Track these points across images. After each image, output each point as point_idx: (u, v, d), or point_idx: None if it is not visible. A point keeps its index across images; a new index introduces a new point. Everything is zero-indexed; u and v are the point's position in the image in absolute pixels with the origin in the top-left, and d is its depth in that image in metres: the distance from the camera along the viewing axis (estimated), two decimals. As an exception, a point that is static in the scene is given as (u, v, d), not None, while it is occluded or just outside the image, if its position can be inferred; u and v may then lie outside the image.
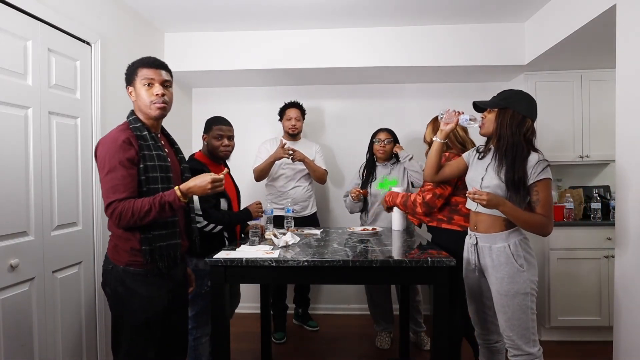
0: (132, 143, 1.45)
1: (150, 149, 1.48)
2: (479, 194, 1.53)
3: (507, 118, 1.63)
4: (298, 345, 2.92)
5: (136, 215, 1.40)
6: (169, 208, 1.44)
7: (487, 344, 1.82)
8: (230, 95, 3.59)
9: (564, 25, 2.41)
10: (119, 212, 1.39)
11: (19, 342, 1.70)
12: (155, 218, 1.43)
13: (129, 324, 1.48)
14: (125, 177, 1.41)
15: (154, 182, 1.47)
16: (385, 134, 2.78)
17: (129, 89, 1.55)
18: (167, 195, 1.44)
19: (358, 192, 2.67)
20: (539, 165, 1.56)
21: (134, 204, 1.40)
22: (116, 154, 1.41)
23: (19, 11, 1.73)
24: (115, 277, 1.48)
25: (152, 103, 1.50)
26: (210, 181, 1.47)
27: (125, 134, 1.45)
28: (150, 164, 1.46)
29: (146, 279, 1.49)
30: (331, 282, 2.64)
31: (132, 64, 1.54)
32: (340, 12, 2.74)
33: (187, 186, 1.47)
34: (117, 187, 1.40)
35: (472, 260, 1.74)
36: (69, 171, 2.03)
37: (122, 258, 1.48)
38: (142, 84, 1.50)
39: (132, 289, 1.47)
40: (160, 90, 1.51)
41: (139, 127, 1.50)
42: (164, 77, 1.54)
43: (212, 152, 2.18)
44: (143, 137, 1.48)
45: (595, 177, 3.41)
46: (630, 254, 1.81)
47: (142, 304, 1.48)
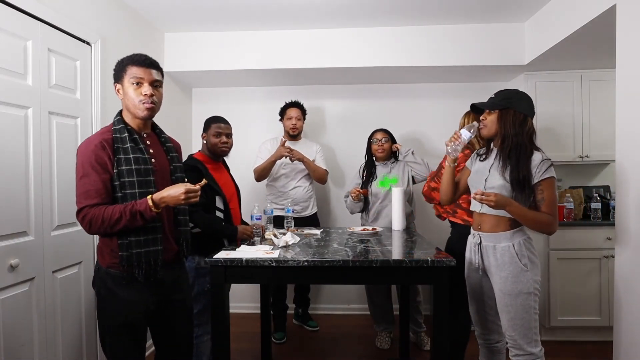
0: (106, 147, 1.40)
1: (127, 152, 1.42)
2: (486, 195, 1.52)
3: (509, 118, 1.63)
4: (298, 345, 2.92)
5: (106, 223, 1.36)
6: (140, 217, 1.38)
7: (487, 344, 1.82)
8: (230, 95, 3.59)
9: (564, 25, 2.41)
10: (89, 219, 1.36)
11: (19, 342, 1.70)
12: (126, 226, 1.38)
13: (109, 325, 1.45)
14: (96, 182, 1.37)
15: (131, 186, 1.41)
16: (381, 133, 2.80)
17: (116, 86, 1.49)
18: (139, 204, 1.38)
19: (358, 192, 2.67)
20: (543, 164, 1.57)
21: (104, 211, 1.36)
22: (88, 159, 1.38)
23: (19, 11, 1.73)
24: (99, 278, 1.47)
25: (140, 103, 1.44)
26: (183, 192, 1.39)
27: (100, 138, 1.41)
28: (125, 168, 1.41)
29: (126, 282, 1.44)
30: (331, 282, 2.64)
31: (122, 60, 1.48)
32: (340, 12, 2.74)
33: (160, 196, 1.40)
34: (88, 193, 1.37)
35: (474, 260, 1.74)
36: (69, 171, 2.02)
37: (105, 260, 1.45)
38: (131, 82, 1.44)
39: (112, 291, 1.44)
40: (149, 91, 1.45)
41: (119, 128, 1.45)
42: (154, 76, 1.47)
43: (211, 149, 2.20)
44: (121, 140, 1.43)
45: (595, 177, 3.41)
46: (631, 254, 1.81)
47: (121, 306, 1.44)
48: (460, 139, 1.70)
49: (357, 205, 2.80)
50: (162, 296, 1.53)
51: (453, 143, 1.72)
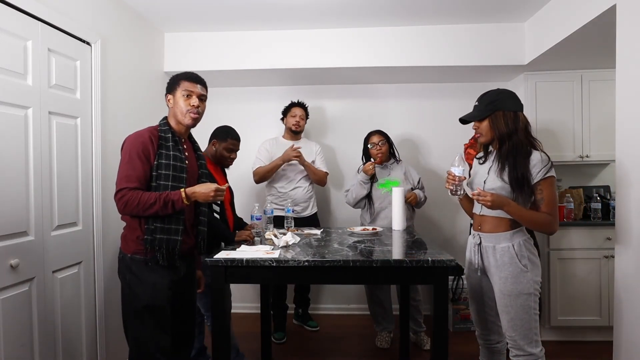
0: (153, 141, 1.60)
1: (169, 149, 1.62)
2: (482, 195, 1.52)
3: (500, 120, 1.63)
4: (298, 345, 2.92)
5: (140, 206, 1.53)
6: (171, 206, 1.56)
7: (487, 344, 1.82)
8: (230, 95, 3.59)
9: (564, 25, 2.41)
10: (126, 199, 1.52)
11: (19, 342, 1.70)
12: (157, 212, 1.55)
13: (134, 309, 1.60)
14: (139, 170, 1.56)
15: (165, 179, 1.59)
16: (377, 136, 2.78)
17: (167, 97, 1.72)
18: (173, 195, 1.56)
19: (373, 164, 2.65)
20: (542, 164, 1.57)
21: (141, 195, 1.53)
22: (136, 148, 1.57)
23: (19, 11, 1.73)
24: (124, 264, 1.63)
25: (187, 112, 1.67)
26: (214, 189, 1.60)
27: (149, 132, 1.62)
28: (164, 162, 1.59)
29: (150, 267, 1.60)
30: (331, 282, 2.65)
31: (176, 76, 1.71)
32: (340, 11, 2.74)
33: (192, 190, 1.60)
34: (130, 177, 1.55)
35: (474, 260, 1.74)
36: (69, 171, 2.02)
37: (129, 247, 1.61)
38: (182, 94, 1.67)
39: (137, 275, 1.60)
40: (197, 102, 1.68)
41: (165, 129, 1.66)
42: (201, 91, 1.72)
43: (219, 159, 2.32)
44: (165, 138, 1.63)
45: (595, 177, 3.41)
46: (631, 254, 1.81)
47: (145, 289, 1.59)
48: (456, 177, 1.67)
49: (366, 186, 2.71)
50: (177, 284, 1.68)
51: (452, 184, 1.68)
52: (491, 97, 1.65)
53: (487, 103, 1.65)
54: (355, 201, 2.79)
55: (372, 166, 2.64)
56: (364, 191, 2.74)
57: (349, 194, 2.82)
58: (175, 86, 1.70)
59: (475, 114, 1.69)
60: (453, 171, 1.67)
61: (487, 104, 1.65)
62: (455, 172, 1.67)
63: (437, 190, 3.29)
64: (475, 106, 1.71)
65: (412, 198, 2.67)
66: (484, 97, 1.68)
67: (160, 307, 1.60)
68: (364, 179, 2.70)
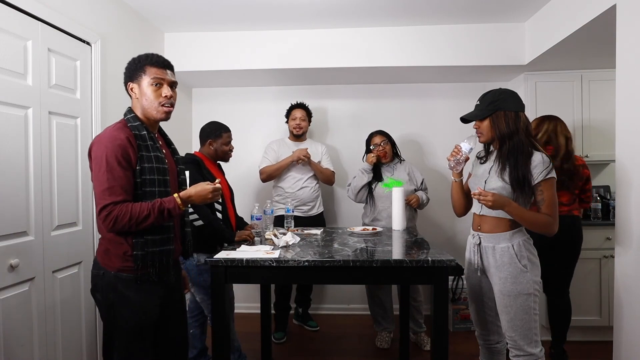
0: (131, 143, 1.38)
1: (149, 150, 1.42)
2: (484, 195, 1.52)
3: (501, 120, 1.62)
4: (298, 345, 2.92)
5: (133, 220, 1.34)
6: (167, 215, 1.39)
7: (487, 345, 1.82)
8: (230, 95, 3.59)
9: (564, 25, 2.41)
10: (114, 216, 1.32)
11: (19, 342, 1.70)
12: (152, 224, 1.38)
13: (121, 331, 1.42)
14: (122, 179, 1.35)
15: (151, 184, 1.41)
16: (379, 137, 2.79)
17: (129, 85, 1.47)
18: (167, 202, 1.39)
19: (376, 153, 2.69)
20: (544, 165, 1.57)
21: (131, 208, 1.34)
22: (114, 153, 1.34)
23: (19, 11, 1.73)
24: (106, 283, 1.42)
25: (160, 105, 1.45)
26: (211, 190, 1.47)
27: (124, 133, 1.39)
28: (147, 165, 1.40)
29: (138, 285, 1.42)
30: (331, 282, 2.65)
31: (138, 59, 1.46)
32: (341, 11, 2.74)
33: (187, 194, 1.44)
34: (113, 189, 1.33)
35: (474, 260, 1.74)
36: (69, 171, 2.02)
37: (113, 263, 1.41)
38: (150, 83, 1.44)
39: (124, 295, 1.41)
40: (169, 92, 1.46)
41: (137, 126, 1.43)
42: (172, 78, 1.49)
43: (220, 156, 2.33)
44: (142, 137, 1.42)
45: (595, 177, 3.41)
46: (631, 254, 1.81)
47: (134, 310, 1.42)
48: (461, 152, 1.70)
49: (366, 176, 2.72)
50: (167, 297, 1.53)
51: (454, 157, 1.71)
52: (493, 97, 1.65)
53: (488, 103, 1.65)
54: (356, 190, 2.77)
55: (374, 155, 2.69)
56: (364, 179, 2.73)
57: (350, 187, 2.82)
58: (140, 73, 1.44)
59: (476, 113, 1.69)
60: (461, 146, 1.70)
61: (489, 103, 1.65)
62: (463, 147, 1.70)
63: (439, 191, 3.30)
64: (476, 105, 1.71)
65: (414, 201, 2.66)
66: (485, 97, 1.68)
67: (148, 327, 1.46)
68: (366, 167, 2.73)
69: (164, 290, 1.50)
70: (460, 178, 1.80)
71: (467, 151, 1.71)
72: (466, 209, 1.87)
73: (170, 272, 1.50)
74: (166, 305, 1.54)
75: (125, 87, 1.49)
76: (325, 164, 3.06)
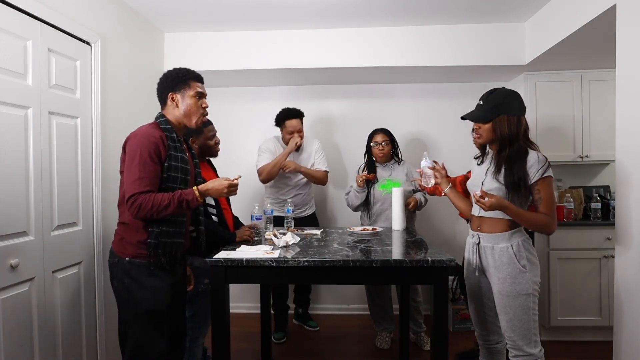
0: (164, 141, 1.56)
1: (177, 151, 1.60)
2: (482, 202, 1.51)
3: (504, 125, 1.60)
4: (298, 345, 2.92)
5: (155, 208, 1.48)
6: (186, 206, 1.53)
7: (487, 345, 1.82)
8: (230, 95, 3.59)
9: (564, 25, 2.41)
10: (139, 203, 1.47)
11: (19, 342, 1.70)
12: (171, 213, 1.52)
13: (134, 314, 1.56)
14: (152, 172, 1.51)
15: (174, 181, 1.57)
16: (381, 135, 2.77)
17: (172, 95, 1.65)
18: (186, 194, 1.53)
19: (364, 177, 2.64)
20: (539, 164, 1.56)
21: (154, 197, 1.49)
22: (148, 148, 1.50)
23: (19, 11, 1.73)
24: (121, 269, 1.57)
25: (200, 114, 1.67)
26: (227, 185, 1.59)
27: (159, 132, 1.57)
28: (174, 164, 1.57)
29: (150, 271, 1.57)
30: (331, 282, 2.64)
31: (183, 74, 1.66)
32: (341, 11, 2.74)
33: (205, 187, 1.58)
34: (142, 180, 1.49)
35: (473, 260, 1.74)
36: (69, 171, 2.02)
37: (127, 251, 1.57)
38: (194, 95, 1.65)
39: (137, 280, 1.56)
40: (206, 104, 1.69)
41: (169, 128, 1.61)
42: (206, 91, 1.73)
43: (206, 152, 2.24)
44: (172, 139, 1.60)
45: (595, 177, 3.41)
46: (631, 254, 1.81)
47: (147, 294, 1.56)
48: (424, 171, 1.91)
49: (360, 195, 2.71)
50: (175, 288, 1.66)
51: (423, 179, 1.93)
52: (497, 99, 1.62)
53: (492, 105, 1.62)
54: (353, 207, 2.81)
55: (362, 179, 2.64)
56: (358, 200, 2.74)
57: (348, 197, 2.81)
58: (184, 86, 1.65)
59: (479, 115, 1.66)
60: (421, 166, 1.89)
61: (493, 106, 1.62)
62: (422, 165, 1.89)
63: (437, 190, 3.30)
64: (479, 105, 1.68)
65: (412, 204, 2.65)
66: (489, 98, 1.64)
67: (160, 311, 1.59)
68: (357, 189, 2.71)
69: (173, 279, 1.64)
70: (446, 188, 1.88)
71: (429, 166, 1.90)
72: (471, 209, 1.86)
73: (178, 263, 1.64)
74: (175, 295, 1.66)
75: (164, 95, 1.67)
76: (319, 163, 2.96)
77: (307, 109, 3.12)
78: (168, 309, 1.62)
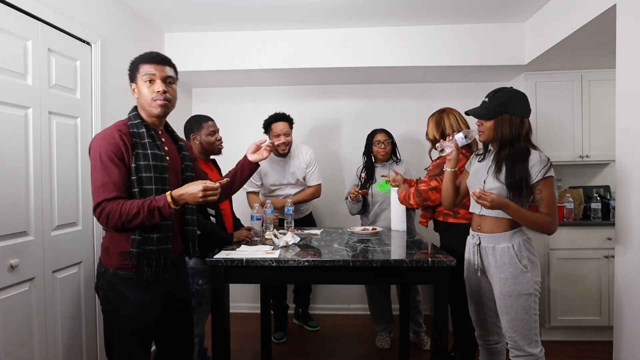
0: (125, 140, 1.38)
1: (145, 148, 1.41)
2: (483, 198, 1.51)
3: (506, 125, 1.61)
4: (298, 345, 2.92)
5: (123, 218, 1.33)
6: (158, 214, 1.34)
7: (487, 345, 1.82)
8: (230, 95, 3.59)
9: (564, 25, 2.41)
10: (106, 213, 1.33)
11: (19, 342, 1.70)
12: (143, 223, 1.35)
13: (119, 329, 1.42)
14: (115, 176, 1.35)
15: (147, 182, 1.39)
16: (383, 134, 2.78)
17: (132, 85, 1.49)
18: (158, 200, 1.35)
19: (356, 192, 2.66)
20: (541, 164, 1.56)
21: (122, 205, 1.33)
22: (106, 151, 1.35)
23: (19, 11, 1.73)
24: (106, 280, 1.43)
25: (152, 100, 1.44)
26: (201, 189, 1.35)
27: (119, 131, 1.40)
28: (143, 163, 1.39)
29: (136, 284, 1.42)
30: (331, 282, 2.64)
31: (134, 59, 1.49)
32: (340, 12, 2.74)
33: (179, 192, 1.36)
34: (106, 186, 1.34)
35: (473, 260, 1.73)
36: (69, 171, 2.02)
37: (112, 261, 1.42)
38: (144, 80, 1.44)
39: (122, 293, 1.41)
40: (161, 87, 1.44)
41: (137, 123, 1.44)
42: (167, 72, 1.47)
43: (207, 149, 2.19)
44: (139, 135, 1.42)
45: (595, 177, 3.41)
46: (631, 254, 1.81)
47: (132, 309, 1.41)
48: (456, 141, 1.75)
49: (356, 206, 2.78)
50: (168, 296, 1.52)
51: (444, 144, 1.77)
52: (502, 99, 1.62)
53: (496, 104, 1.62)
54: (352, 214, 2.87)
55: (354, 195, 2.66)
56: (355, 209, 2.81)
57: (347, 201, 2.82)
58: (135, 72, 1.46)
59: (482, 112, 1.66)
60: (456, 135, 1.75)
61: (497, 105, 1.62)
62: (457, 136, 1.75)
63: (437, 190, 3.29)
64: (483, 102, 1.68)
65: None
66: (495, 96, 1.64)
67: (148, 327, 1.45)
68: (352, 201, 2.74)
69: (164, 289, 1.49)
70: (454, 168, 1.80)
71: (462, 142, 1.74)
72: (454, 201, 1.87)
73: (166, 272, 1.47)
74: (169, 305, 1.53)
75: (130, 88, 1.51)
76: (311, 178, 2.89)
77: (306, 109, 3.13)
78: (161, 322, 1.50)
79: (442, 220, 2.21)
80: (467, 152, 2.11)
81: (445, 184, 1.85)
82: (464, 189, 1.87)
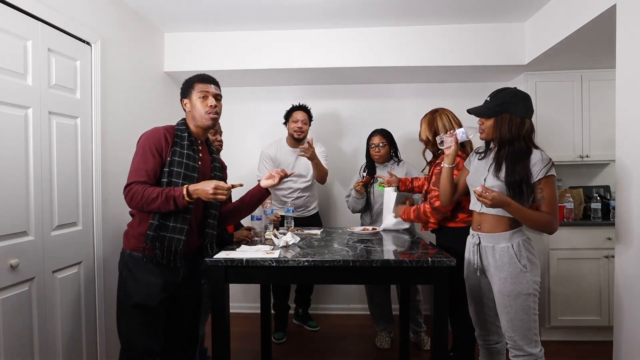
0: (167, 138, 1.61)
1: (183, 148, 1.62)
2: (484, 196, 1.51)
3: (505, 124, 1.61)
4: (298, 345, 2.92)
5: (143, 200, 1.51)
6: (173, 202, 1.51)
7: (487, 345, 1.82)
8: (230, 95, 3.57)
9: (564, 25, 2.41)
10: (132, 193, 1.52)
11: (19, 342, 1.70)
12: (159, 208, 1.52)
13: (123, 307, 1.61)
14: (150, 164, 1.56)
15: (177, 176, 1.58)
16: (378, 137, 2.77)
17: (184, 101, 1.72)
18: (175, 190, 1.53)
19: (361, 183, 2.66)
20: (542, 163, 1.57)
21: (146, 189, 1.52)
22: (149, 142, 1.58)
23: (19, 11, 1.73)
24: (123, 260, 1.64)
25: (206, 113, 1.67)
26: (213, 186, 1.51)
27: (164, 129, 1.64)
28: (177, 159, 1.59)
29: (145, 265, 1.58)
30: (331, 282, 2.65)
31: (190, 79, 1.72)
32: (340, 12, 2.74)
33: (194, 187, 1.54)
34: (139, 171, 1.55)
35: (473, 260, 1.73)
36: (69, 171, 2.02)
37: (130, 243, 1.62)
38: (198, 96, 1.67)
39: (133, 272, 1.60)
40: (214, 102, 1.68)
41: (182, 129, 1.67)
42: (216, 90, 1.73)
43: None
44: (181, 137, 1.64)
45: (595, 177, 3.41)
46: (631, 254, 1.81)
47: (138, 288, 1.58)
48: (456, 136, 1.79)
49: (360, 201, 2.75)
50: (176, 287, 1.66)
51: (444, 138, 1.82)
52: (503, 98, 1.63)
53: (497, 103, 1.63)
54: (354, 211, 2.86)
55: (360, 186, 2.67)
56: (359, 205, 2.79)
57: (349, 201, 2.82)
58: (190, 89, 1.70)
59: (483, 110, 1.67)
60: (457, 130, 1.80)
61: (498, 104, 1.63)
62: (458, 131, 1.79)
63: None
64: (486, 101, 1.69)
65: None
66: (497, 95, 1.66)
67: (151, 308, 1.58)
68: (356, 195, 2.73)
69: (173, 276, 1.64)
70: (453, 165, 1.82)
71: (462, 137, 1.79)
72: (451, 198, 1.89)
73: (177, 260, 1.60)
74: (176, 297, 1.65)
75: (182, 104, 1.74)
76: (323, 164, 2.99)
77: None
78: (165, 308, 1.61)
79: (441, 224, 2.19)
80: (462, 153, 2.10)
81: (443, 180, 1.86)
82: (462, 187, 1.87)
